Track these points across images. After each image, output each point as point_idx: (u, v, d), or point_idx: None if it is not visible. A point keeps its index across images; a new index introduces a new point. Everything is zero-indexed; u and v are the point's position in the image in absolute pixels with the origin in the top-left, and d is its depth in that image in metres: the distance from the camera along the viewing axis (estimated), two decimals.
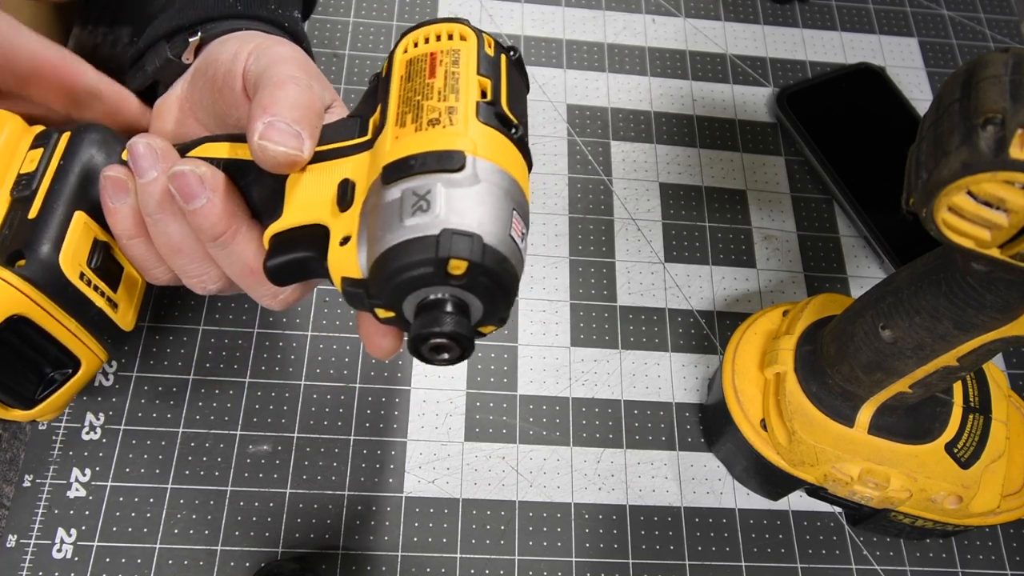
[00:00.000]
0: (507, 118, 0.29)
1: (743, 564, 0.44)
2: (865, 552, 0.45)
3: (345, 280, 0.29)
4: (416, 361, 0.47)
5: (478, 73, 0.30)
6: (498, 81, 0.30)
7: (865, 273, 0.53)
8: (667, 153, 0.56)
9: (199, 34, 0.37)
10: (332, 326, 0.48)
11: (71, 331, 0.36)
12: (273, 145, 0.29)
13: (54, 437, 0.43)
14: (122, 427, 0.44)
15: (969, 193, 0.27)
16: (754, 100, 0.59)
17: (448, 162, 0.27)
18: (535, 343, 0.49)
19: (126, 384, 0.45)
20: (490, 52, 0.31)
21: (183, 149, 0.34)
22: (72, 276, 0.33)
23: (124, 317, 0.37)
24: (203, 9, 0.38)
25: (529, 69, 0.58)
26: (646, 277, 0.52)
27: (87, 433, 0.44)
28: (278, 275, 0.31)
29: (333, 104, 0.35)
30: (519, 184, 0.29)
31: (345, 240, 0.29)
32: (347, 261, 0.29)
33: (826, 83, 0.59)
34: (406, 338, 0.28)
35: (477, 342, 0.48)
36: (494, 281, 0.27)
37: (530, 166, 0.31)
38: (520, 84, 0.32)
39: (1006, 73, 0.27)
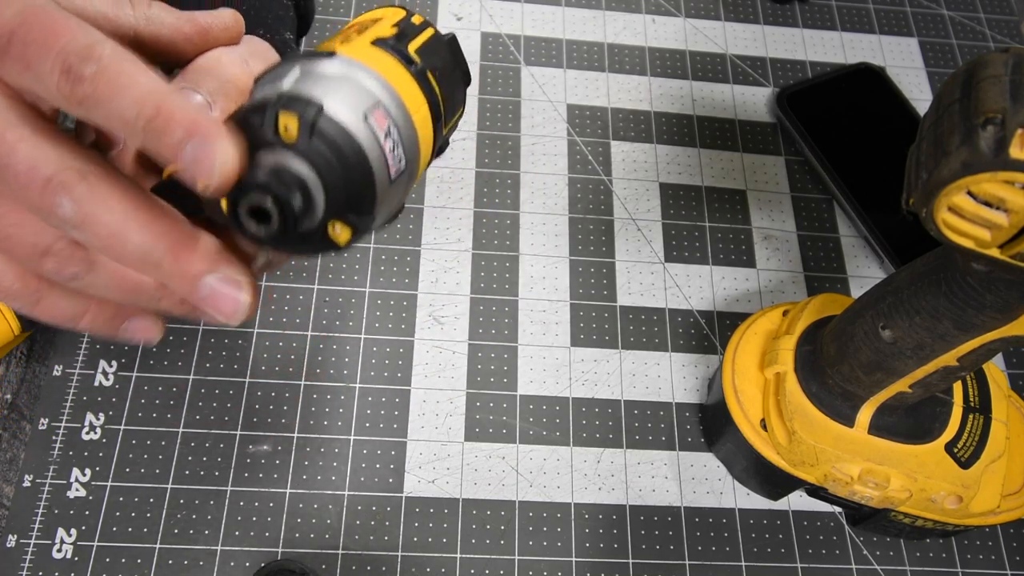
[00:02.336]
0: (407, 54, 0.28)
1: (743, 564, 0.44)
2: (865, 552, 0.45)
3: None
4: (417, 361, 0.47)
5: (391, 26, 0.29)
6: (411, 34, 0.29)
7: (865, 273, 0.53)
8: (667, 153, 0.56)
9: None
10: (332, 326, 0.48)
11: None
12: None
13: (54, 437, 0.43)
14: (122, 427, 0.44)
15: (969, 193, 0.27)
16: (754, 100, 0.59)
17: (316, 55, 0.26)
18: (535, 343, 0.49)
19: (126, 384, 0.45)
20: (415, 22, 0.30)
21: None
22: None
23: None
24: None
25: (529, 69, 0.58)
26: (646, 277, 0.52)
27: (87, 433, 0.44)
28: (158, 191, 0.29)
29: None
30: (400, 98, 0.27)
31: None
32: None
33: (826, 83, 0.59)
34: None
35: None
36: (332, 150, 0.25)
37: (436, 113, 0.29)
38: (444, 52, 0.30)
39: (1006, 73, 0.27)
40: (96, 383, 0.45)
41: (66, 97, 0.25)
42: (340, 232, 0.26)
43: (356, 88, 0.26)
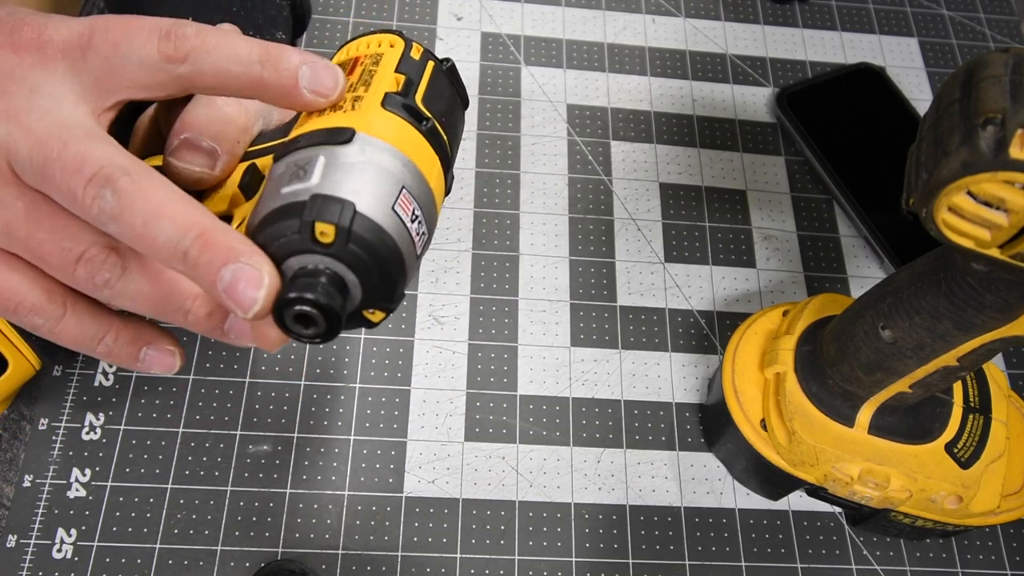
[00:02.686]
0: (418, 110, 0.29)
1: (743, 564, 0.44)
2: (865, 552, 0.45)
3: None
4: (417, 361, 0.47)
5: (395, 71, 0.29)
6: (416, 79, 0.30)
7: (865, 273, 0.53)
8: (667, 153, 0.56)
9: None
10: None
11: None
12: (177, 162, 0.29)
13: (54, 437, 0.43)
14: (122, 427, 0.44)
15: (969, 193, 0.27)
16: (754, 100, 0.59)
17: (335, 136, 0.27)
18: (535, 343, 0.49)
19: (126, 384, 0.45)
20: (415, 56, 0.30)
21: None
22: None
23: None
24: None
25: (529, 69, 0.58)
26: (646, 277, 0.52)
27: (87, 433, 0.44)
28: None
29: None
30: (418, 168, 0.28)
31: (240, 224, 0.29)
32: None
33: (826, 83, 0.59)
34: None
35: (471, 343, 0.48)
36: (368, 252, 0.26)
37: (446, 163, 0.30)
38: (446, 87, 0.31)
39: (1006, 73, 0.27)
40: (96, 383, 0.45)
41: (96, 219, 0.26)
42: (374, 314, 0.28)
43: (381, 176, 0.27)
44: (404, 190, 0.27)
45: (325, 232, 0.25)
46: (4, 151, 0.27)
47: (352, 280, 0.26)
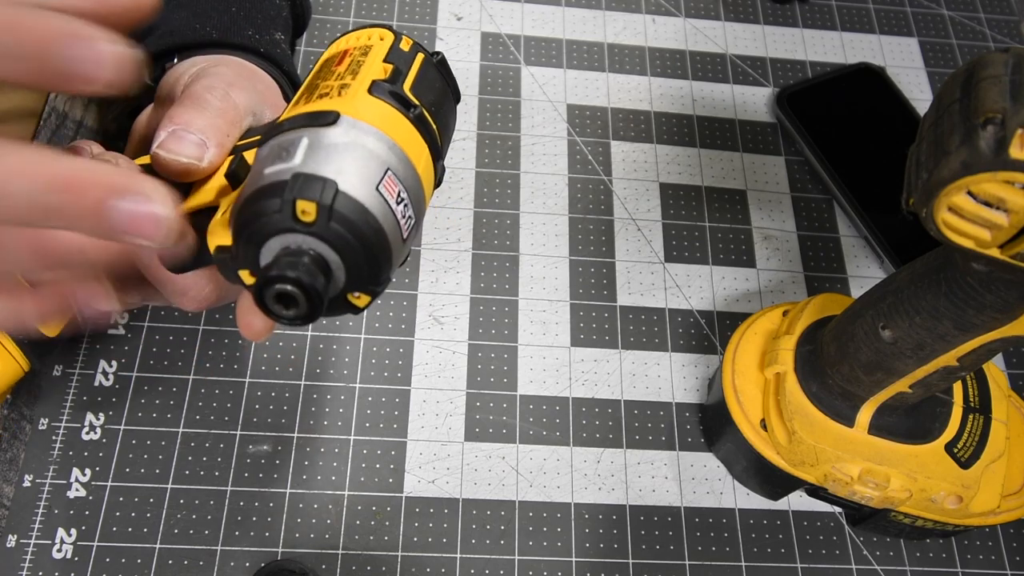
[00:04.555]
0: (405, 98, 0.28)
1: (743, 564, 0.44)
2: (865, 552, 0.45)
3: (218, 248, 0.28)
4: (417, 361, 0.47)
5: (383, 61, 0.29)
6: (405, 68, 0.29)
7: (865, 273, 0.53)
8: (667, 153, 0.56)
9: (176, 61, 0.38)
10: (331, 326, 0.48)
11: None
12: (165, 153, 0.29)
13: (54, 437, 0.43)
14: (122, 427, 0.44)
15: (969, 193, 0.27)
16: (754, 100, 0.59)
17: (319, 119, 0.27)
18: (535, 343, 0.49)
19: (126, 384, 0.45)
20: (404, 48, 0.30)
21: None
22: None
23: None
24: (180, 37, 0.39)
25: (529, 69, 0.58)
26: (646, 277, 0.52)
27: (87, 433, 0.44)
28: (169, 260, 0.30)
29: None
30: (404, 153, 0.27)
31: (225, 212, 0.28)
32: (221, 228, 0.28)
33: (826, 83, 0.59)
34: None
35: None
36: (351, 231, 0.25)
37: (436, 152, 0.29)
38: (436, 79, 0.31)
39: (1006, 73, 0.27)
40: (96, 383, 0.45)
41: None
42: (360, 298, 0.27)
43: (365, 157, 0.26)
44: (389, 171, 0.27)
45: (306, 210, 0.25)
46: None
47: (335, 261, 0.26)
